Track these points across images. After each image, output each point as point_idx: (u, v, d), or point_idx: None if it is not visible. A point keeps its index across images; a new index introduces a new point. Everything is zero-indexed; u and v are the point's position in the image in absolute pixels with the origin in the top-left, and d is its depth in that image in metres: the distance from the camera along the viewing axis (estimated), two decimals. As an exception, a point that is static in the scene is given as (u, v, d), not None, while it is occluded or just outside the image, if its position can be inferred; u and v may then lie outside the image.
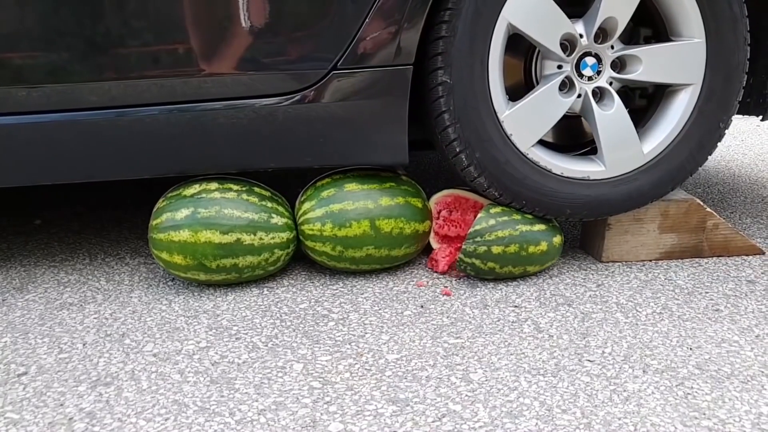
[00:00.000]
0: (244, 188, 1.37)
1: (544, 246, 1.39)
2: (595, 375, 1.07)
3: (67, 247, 1.66)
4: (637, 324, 1.24)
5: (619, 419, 0.96)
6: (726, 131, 1.45)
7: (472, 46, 1.31)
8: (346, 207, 1.36)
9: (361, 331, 1.22)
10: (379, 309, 1.30)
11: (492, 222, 1.37)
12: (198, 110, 1.29)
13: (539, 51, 1.42)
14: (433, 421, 0.96)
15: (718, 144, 1.46)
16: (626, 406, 0.99)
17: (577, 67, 1.39)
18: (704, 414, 0.98)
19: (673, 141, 1.43)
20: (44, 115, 1.28)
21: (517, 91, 1.45)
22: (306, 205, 1.39)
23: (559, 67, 1.39)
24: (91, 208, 1.97)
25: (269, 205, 1.36)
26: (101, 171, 1.34)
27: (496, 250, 1.34)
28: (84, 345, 1.18)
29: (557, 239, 1.42)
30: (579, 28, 1.37)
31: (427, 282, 1.43)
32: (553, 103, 1.38)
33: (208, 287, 1.40)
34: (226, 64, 1.27)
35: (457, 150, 1.37)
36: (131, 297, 1.37)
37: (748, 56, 1.41)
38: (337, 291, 1.39)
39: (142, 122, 1.29)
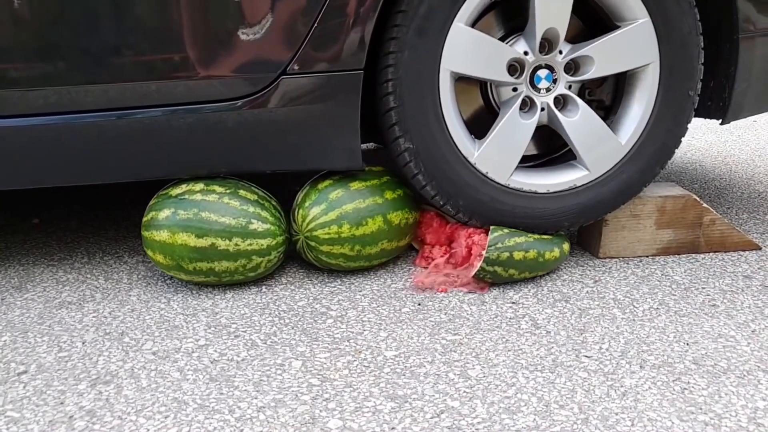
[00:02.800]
0: (228, 190, 1.34)
1: (557, 252, 1.40)
2: (592, 371, 1.08)
3: (66, 246, 1.66)
4: (634, 320, 1.25)
5: (617, 414, 0.97)
6: (697, 98, 1.43)
7: (423, 106, 1.31)
8: (359, 206, 1.36)
9: (360, 328, 1.22)
10: (377, 306, 1.31)
11: (506, 230, 1.38)
12: (148, 116, 1.28)
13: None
14: (431, 417, 0.96)
15: (693, 113, 1.44)
16: (623, 402, 1.00)
17: (532, 82, 1.38)
18: (701, 409, 0.98)
19: (647, 124, 1.42)
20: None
21: (480, 120, 1.45)
22: (315, 210, 1.35)
23: (515, 89, 1.38)
24: (89, 207, 1.97)
25: (251, 210, 1.33)
26: (51, 177, 1.32)
27: (517, 256, 1.33)
28: (83, 343, 1.18)
29: (566, 246, 1.43)
30: (521, 46, 1.36)
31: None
32: (518, 129, 1.37)
33: (206, 285, 1.41)
34: (173, 70, 1.25)
35: (442, 203, 1.39)
36: (130, 295, 1.37)
37: (698, 18, 1.37)
38: (335, 288, 1.39)
39: (92, 127, 1.28)
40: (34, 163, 1.30)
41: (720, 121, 1.55)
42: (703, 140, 2.88)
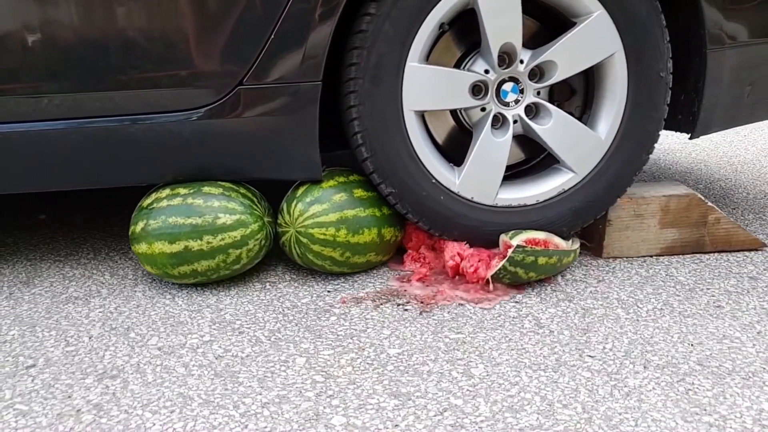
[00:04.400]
0: (191, 191, 1.33)
1: (571, 257, 1.40)
2: (596, 370, 1.08)
3: (72, 242, 1.67)
4: (637, 320, 1.25)
5: (620, 414, 0.97)
6: (671, 78, 1.40)
7: (396, 150, 1.32)
8: (359, 214, 1.35)
9: (363, 326, 1.22)
10: (380, 304, 1.31)
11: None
12: (104, 125, 1.27)
13: None
14: (434, 415, 0.97)
15: (669, 93, 1.41)
16: (627, 402, 1.00)
17: (500, 98, 1.36)
18: (705, 410, 0.98)
19: (624, 113, 1.39)
20: None
21: (457, 142, 1.45)
22: (315, 208, 1.33)
23: (483, 109, 1.38)
24: (94, 204, 1.98)
25: (216, 204, 1.30)
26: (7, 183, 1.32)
27: (541, 261, 1.32)
28: (90, 338, 1.19)
29: (578, 249, 1.44)
30: (481, 65, 1.35)
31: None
32: (493, 149, 1.36)
33: (202, 284, 1.41)
34: (130, 80, 1.24)
35: (437, 235, 1.40)
36: (135, 291, 1.38)
37: None
38: (339, 286, 1.39)
39: (50, 136, 1.27)
40: None
41: (689, 135, 1.52)
42: (709, 140, 2.87)
